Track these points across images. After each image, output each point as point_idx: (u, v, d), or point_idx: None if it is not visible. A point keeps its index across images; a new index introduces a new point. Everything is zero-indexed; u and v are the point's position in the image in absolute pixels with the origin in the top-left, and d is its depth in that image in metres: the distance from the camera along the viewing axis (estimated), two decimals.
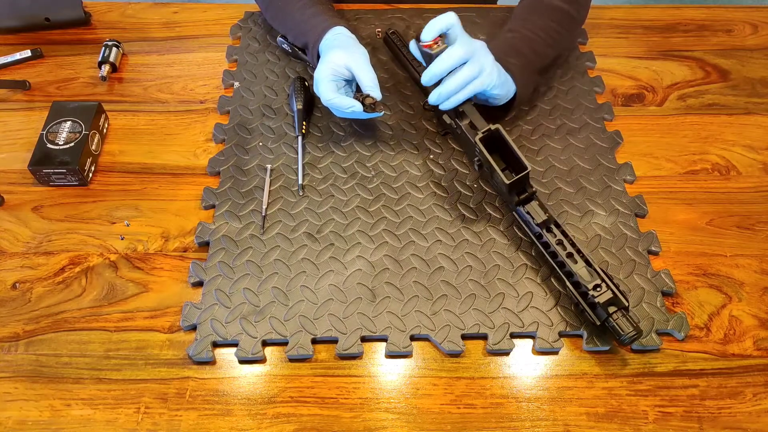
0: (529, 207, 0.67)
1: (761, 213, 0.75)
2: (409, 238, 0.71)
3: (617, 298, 0.60)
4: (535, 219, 0.66)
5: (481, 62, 0.69)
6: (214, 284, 0.67)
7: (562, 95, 0.86)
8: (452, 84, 0.68)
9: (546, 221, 0.66)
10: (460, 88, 0.68)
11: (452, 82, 0.68)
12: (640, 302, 0.66)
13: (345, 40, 0.77)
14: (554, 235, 0.65)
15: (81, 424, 0.59)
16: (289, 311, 0.65)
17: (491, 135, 0.67)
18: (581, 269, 0.63)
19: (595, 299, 0.60)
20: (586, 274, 0.62)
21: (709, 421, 0.60)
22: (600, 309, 0.61)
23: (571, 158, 0.78)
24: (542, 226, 0.66)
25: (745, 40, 0.96)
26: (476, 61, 0.68)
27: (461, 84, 0.68)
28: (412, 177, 0.76)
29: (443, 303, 0.66)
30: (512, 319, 0.65)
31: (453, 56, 0.67)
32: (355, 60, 0.73)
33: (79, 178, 0.76)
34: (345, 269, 0.68)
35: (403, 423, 0.59)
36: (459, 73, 0.68)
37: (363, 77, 0.73)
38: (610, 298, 0.60)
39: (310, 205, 0.73)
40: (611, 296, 0.60)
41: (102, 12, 0.99)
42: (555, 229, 0.66)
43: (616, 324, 0.60)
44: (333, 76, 0.74)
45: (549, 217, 0.66)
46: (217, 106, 0.85)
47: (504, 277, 0.68)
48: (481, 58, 0.69)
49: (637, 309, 0.65)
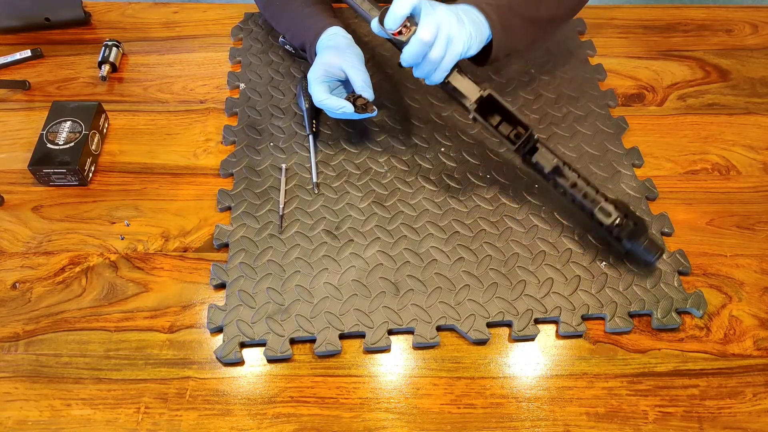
0: (537, 156, 0.68)
1: (761, 213, 0.75)
2: (428, 231, 0.72)
3: (640, 223, 0.65)
4: (545, 167, 0.68)
5: (447, 34, 0.64)
6: (237, 285, 0.67)
7: (566, 84, 0.87)
8: (425, 68, 0.66)
9: (556, 167, 0.67)
10: (434, 68, 0.66)
11: (424, 67, 0.66)
12: (657, 283, 0.68)
13: (340, 40, 0.76)
14: (567, 178, 0.67)
15: (81, 424, 0.59)
16: (314, 308, 0.65)
17: (485, 100, 0.67)
18: (603, 206, 0.66)
19: (621, 233, 0.65)
20: (608, 208, 0.66)
21: (709, 421, 0.60)
22: (625, 240, 0.66)
23: (579, 145, 0.80)
24: (554, 173, 0.68)
25: (745, 40, 0.96)
26: (442, 36, 0.64)
27: (433, 65, 0.66)
28: (425, 170, 0.77)
29: (466, 293, 0.67)
30: (535, 306, 0.66)
31: (421, 42, 0.64)
32: (347, 60, 0.74)
33: (79, 178, 0.76)
34: (366, 264, 0.69)
35: (403, 423, 0.59)
36: (428, 57, 0.65)
37: (355, 78, 0.73)
38: (633, 228, 0.65)
39: (326, 203, 0.74)
40: (633, 227, 0.65)
41: (102, 12, 0.99)
42: (568, 172, 0.67)
43: (645, 248, 0.65)
44: (325, 77, 0.74)
45: (558, 162, 0.67)
46: (225, 108, 0.85)
47: (524, 265, 0.69)
48: (445, 28, 0.64)
49: (655, 289, 0.67)
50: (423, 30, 0.63)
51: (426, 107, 0.84)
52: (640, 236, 0.65)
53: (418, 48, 0.64)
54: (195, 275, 0.69)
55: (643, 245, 0.65)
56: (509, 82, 0.88)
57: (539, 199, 0.74)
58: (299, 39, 0.82)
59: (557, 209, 0.73)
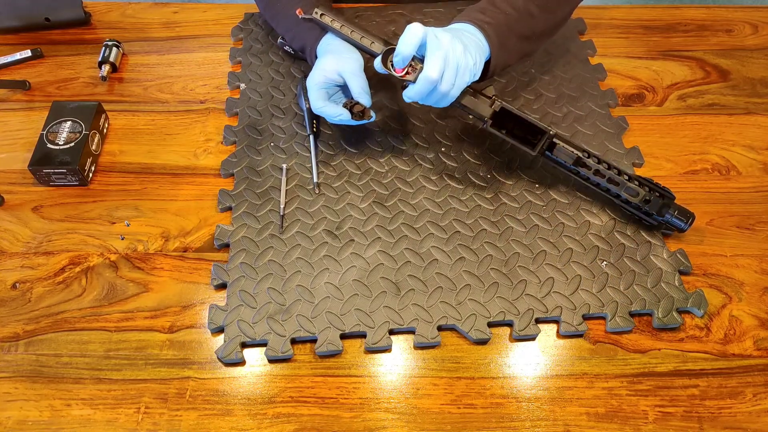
0: (556, 152, 0.70)
1: (761, 213, 0.75)
2: (428, 231, 0.72)
3: (666, 195, 0.69)
4: (566, 161, 0.70)
5: (455, 66, 0.65)
6: (237, 285, 0.67)
7: (566, 83, 0.87)
8: (432, 100, 0.67)
9: (578, 159, 0.70)
10: (441, 99, 0.67)
11: (431, 99, 0.67)
12: (658, 282, 0.68)
13: (339, 44, 0.76)
14: (589, 168, 0.69)
15: (81, 424, 0.59)
16: (315, 308, 0.65)
17: (499, 114, 0.69)
18: (629, 185, 0.69)
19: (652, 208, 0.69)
20: (634, 188, 0.69)
21: (709, 421, 0.60)
22: (656, 215, 0.69)
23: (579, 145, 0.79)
24: (576, 164, 0.70)
25: (745, 40, 0.96)
26: (450, 69, 0.65)
27: (442, 97, 0.67)
28: (426, 170, 0.77)
29: (467, 293, 0.67)
30: (536, 305, 0.66)
31: (430, 80, 0.64)
32: (346, 66, 0.73)
33: (79, 178, 0.76)
34: (367, 264, 0.69)
35: (403, 423, 0.59)
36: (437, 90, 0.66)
37: (353, 84, 0.73)
38: (662, 201, 0.68)
39: (326, 203, 0.74)
40: (661, 200, 0.68)
41: (102, 12, 0.99)
42: (588, 161, 0.70)
43: (675, 218, 0.69)
44: (324, 83, 0.74)
45: (579, 153, 0.70)
46: (225, 108, 0.85)
47: (525, 264, 0.69)
48: (452, 61, 0.64)
49: (656, 289, 0.67)
50: (430, 68, 0.64)
51: (426, 107, 0.84)
52: (669, 207, 0.69)
53: (426, 87, 0.65)
54: (195, 275, 0.69)
55: (674, 216, 0.69)
56: (509, 82, 0.88)
57: (540, 199, 0.74)
58: (299, 42, 0.82)
59: (558, 209, 0.73)
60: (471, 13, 0.73)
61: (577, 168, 0.70)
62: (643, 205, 0.69)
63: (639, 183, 0.70)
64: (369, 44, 0.73)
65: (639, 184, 0.69)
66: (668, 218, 0.69)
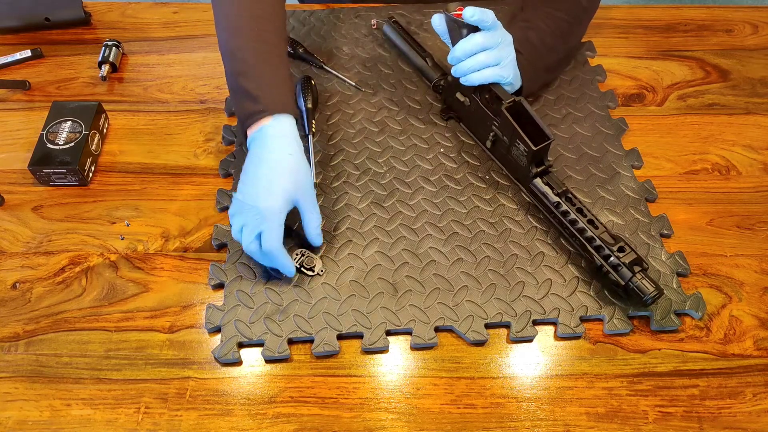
0: (548, 178, 0.70)
1: (761, 213, 0.75)
2: (426, 232, 0.72)
3: (639, 258, 0.64)
4: (555, 188, 0.69)
5: (502, 53, 0.71)
6: (235, 285, 0.67)
7: (566, 85, 0.87)
8: (470, 63, 0.71)
9: (565, 191, 0.69)
10: (476, 68, 0.71)
11: (471, 61, 0.71)
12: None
13: (294, 148, 0.66)
14: (573, 204, 0.68)
15: (81, 424, 0.59)
16: (312, 308, 0.65)
17: (513, 107, 0.70)
18: (603, 234, 0.66)
19: (620, 260, 0.63)
20: (608, 238, 0.65)
21: (709, 421, 0.60)
22: (624, 270, 0.63)
23: (578, 147, 0.80)
24: (562, 195, 0.69)
25: (745, 40, 0.96)
26: (500, 50, 0.71)
27: (477, 65, 0.71)
28: (424, 171, 0.77)
29: (465, 294, 0.67)
30: (533, 307, 0.66)
31: (479, 41, 0.70)
32: (304, 194, 0.66)
33: (79, 178, 0.76)
34: (365, 265, 0.69)
35: (403, 423, 0.59)
36: (479, 56, 0.71)
37: (308, 221, 0.66)
38: (634, 259, 0.64)
39: (325, 203, 0.74)
40: (635, 257, 0.64)
41: (102, 12, 0.99)
42: (573, 198, 0.69)
43: (641, 283, 0.63)
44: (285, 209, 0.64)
45: (566, 188, 0.70)
46: (224, 108, 0.85)
47: (522, 266, 0.69)
48: (504, 49, 0.72)
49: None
50: (488, 35, 0.70)
51: (426, 108, 0.84)
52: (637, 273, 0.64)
53: (475, 42, 0.70)
54: (195, 275, 0.69)
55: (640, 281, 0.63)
56: None
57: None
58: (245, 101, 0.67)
59: None
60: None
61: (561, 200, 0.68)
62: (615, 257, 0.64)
63: (617, 238, 0.65)
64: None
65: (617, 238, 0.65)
66: (632, 279, 0.63)
